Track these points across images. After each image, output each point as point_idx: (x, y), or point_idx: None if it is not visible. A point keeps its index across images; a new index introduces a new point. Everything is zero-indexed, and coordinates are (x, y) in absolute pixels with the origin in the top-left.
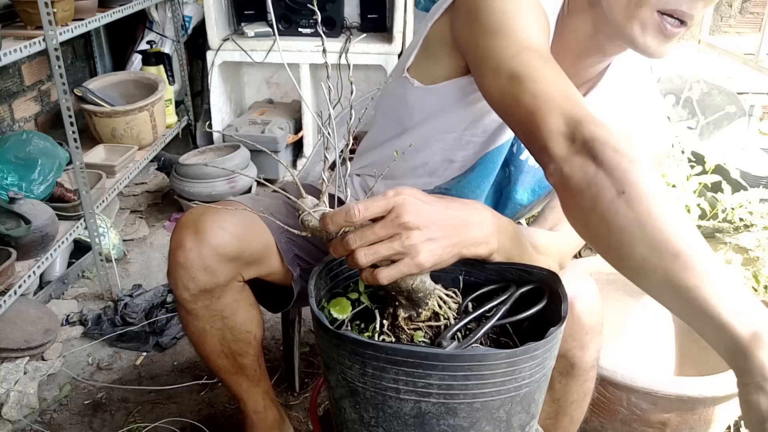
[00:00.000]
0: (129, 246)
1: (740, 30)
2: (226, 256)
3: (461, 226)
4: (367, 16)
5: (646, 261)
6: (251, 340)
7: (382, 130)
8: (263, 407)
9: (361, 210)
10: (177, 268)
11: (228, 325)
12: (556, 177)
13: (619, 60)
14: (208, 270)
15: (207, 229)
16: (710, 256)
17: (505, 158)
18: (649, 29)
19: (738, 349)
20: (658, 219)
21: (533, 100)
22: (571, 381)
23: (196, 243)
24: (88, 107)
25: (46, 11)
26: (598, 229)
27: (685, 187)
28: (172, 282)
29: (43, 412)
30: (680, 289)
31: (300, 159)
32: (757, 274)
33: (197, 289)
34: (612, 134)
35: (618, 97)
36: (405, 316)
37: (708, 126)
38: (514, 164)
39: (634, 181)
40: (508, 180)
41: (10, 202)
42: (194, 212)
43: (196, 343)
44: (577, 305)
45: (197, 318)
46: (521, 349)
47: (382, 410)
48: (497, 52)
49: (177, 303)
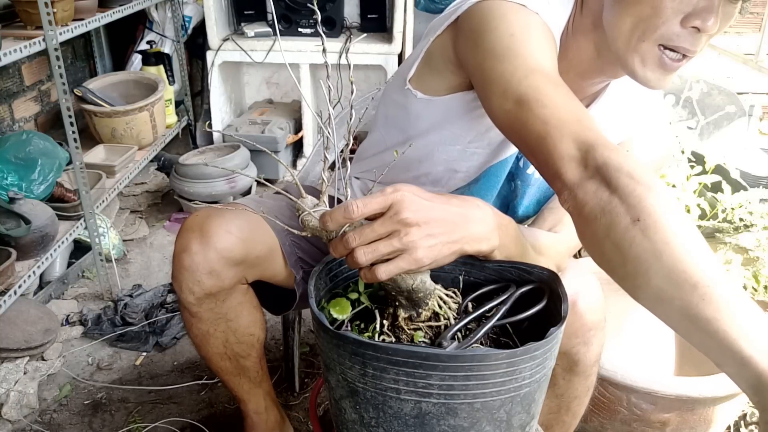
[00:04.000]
0: (129, 246)
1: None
2: (232, 259)
3: (462, 223)
4: (367, 16)
5: (664, 292)
6: (254, 343)
7: (384, 137)
8: (264, 408)
9: (359, 206)
10: (182, 271)
11: (232, 327)
12: (570, 203)
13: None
14: (214, 274)
15: (213, 232)
16: (730, 285)
17: (511, 172)
18: (650, 63)
19: (761, 384)
20: (675, 248)
21: (543, 125)
22: (574, 378)
23: (202, 246)
24: (88, 107)
25: (46, 11)
26: (613, 257)
27: (685, 187)
28: (177, 285)
29: (43, 412)
30: (699, 321)
31: (300, 159)
32: (757, 274)
33: (202, 292)
34: (627, 159)
35: (620, 105)
36: (405, 316)
37: (708, 126)
38: (521, 178)
39: (649, 209)
40: (515, 194)
41: (10, 202)
42: (200, 215)
43: (199, 346)
44: (580, 303)
45: (201, 321)
46: (521, 350)
47: (383, 411)
48: (505, 75)
49: (181, 306)
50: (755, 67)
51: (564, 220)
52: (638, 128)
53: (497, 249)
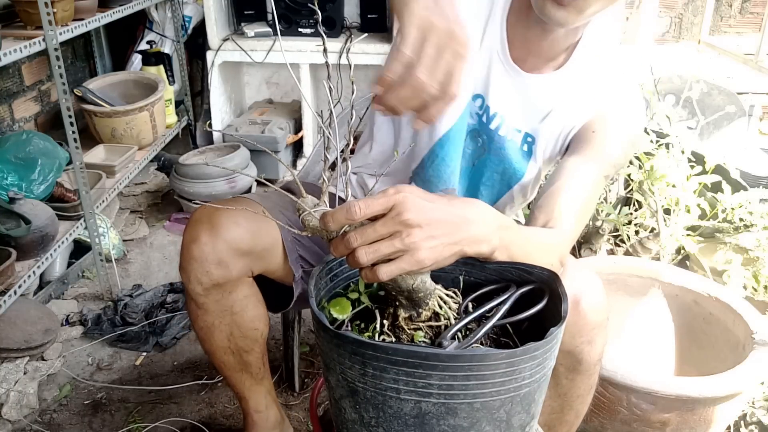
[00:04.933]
0: (129, 246)
1: (740, 30)
2: (240, 250)
3: (463, 224)
4: (367, 16)
5: None
6: (258, 338)
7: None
8: (265, 407)
9: (362, 207)
10: (191, 261)
11: (237, 321)
12: None
13: (588, 39)
14: (222, 264)
15: (222, 223)
16: None
17: (476, 129)
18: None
19: None
20: None
21: None
22: (578, 377)
23: (211, 237)
24: (88, 107)
25: (46, 11)
26: None
27: (685, 187)
28: (185, 276)
29: (43, 412)
30: None
31: (300, 159)
32: (757, 274)
33: (210, 283)
34: None
35: (589, 77)
36: (405, 316)
37: (708, 126)
38: (486, 133)
39: None
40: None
41: (10, 202)
42: (208, 207)
43: (203, 339)
44: (583, 302)
45: (207, 313)
46: (521, 350)
47: (383, 410)
48: None
49: (187, 297)
50: (755, 67)
51: (555, 215)
52: (610, 104)
53: (497, 250)
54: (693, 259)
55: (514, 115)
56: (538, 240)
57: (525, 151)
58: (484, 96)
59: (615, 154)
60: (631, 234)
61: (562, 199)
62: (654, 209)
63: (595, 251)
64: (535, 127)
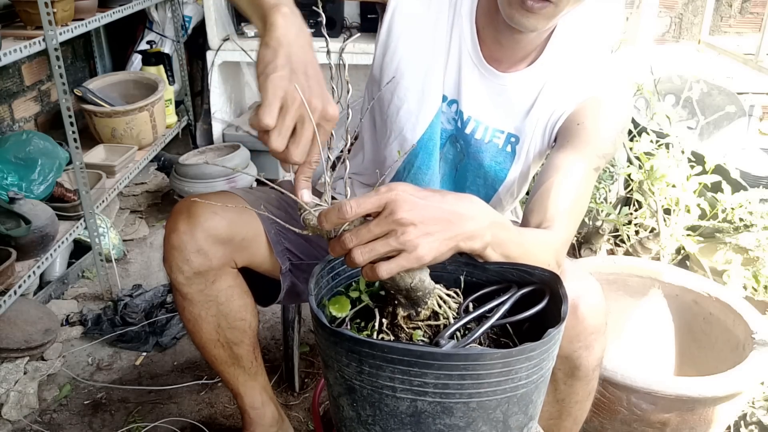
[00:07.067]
0: (129, 246)
1: (740, 30)
2: (218, 238)
3: (456, 220)
4: (367, 16)
5: None
6: (246, 329)
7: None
8: (261, 403)
9: (353, 207)
10: (171, 251)
11: (223, 312)
12: None
13: (562, 28)
14: (202, 252)
15: (199, 213)
16: None
17: (453, 134)
18: (514, 3)
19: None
20: None
21: None
22: (576, 382)
23: (190, 226)
24: (88, 107)
25: (46, 11)
26: None
27: (685, 187)
28: (167, 266)
29: (43, 412)
30: None
31: None
32: (757, 274)
33: (191, 271)
34: None
35: (568, 62)
36: (404, 314)
37: (708, 126)
38: (463, 138)
39: None
40: (462, 154)
41: (10, 202)
42: (187, 199)
43: (192, 331)
44: (581, 306)
45: (192, 303)
46: (517, 350)
47: (379, 408)
48: None
49: (173, 288)
50: (755, 67)
51: (549, 215)
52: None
53: (490, 246)
54: (693, 259)
55: (493, 117)
56: (534, 240)
57: (508, 152)
58: (458, 101)
59: (603, 146)
60: (631, 234)
61: (554, 198)
62: (654, 209)
63: (595, 251)
64: (518, 125)
